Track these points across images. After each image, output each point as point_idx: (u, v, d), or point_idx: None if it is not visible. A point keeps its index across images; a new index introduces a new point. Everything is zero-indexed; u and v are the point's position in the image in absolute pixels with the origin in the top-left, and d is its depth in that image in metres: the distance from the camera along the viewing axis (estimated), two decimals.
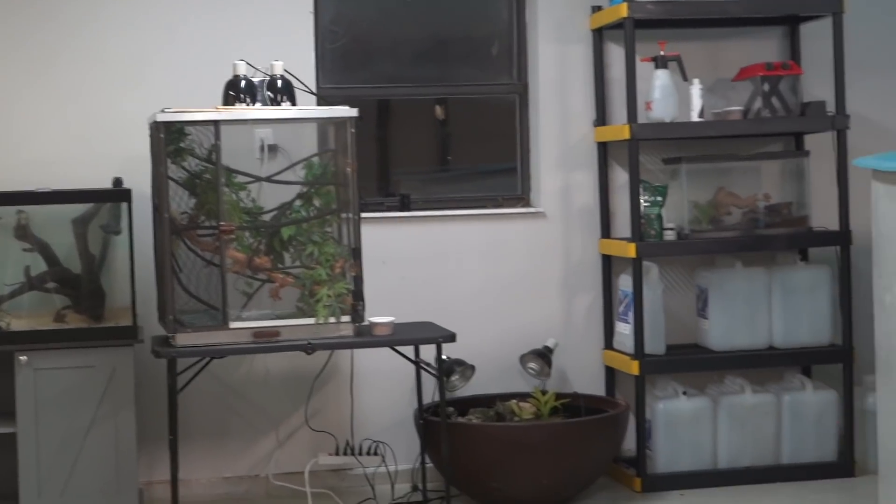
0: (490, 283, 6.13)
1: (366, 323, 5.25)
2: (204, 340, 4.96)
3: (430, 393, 5.58)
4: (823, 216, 6.06)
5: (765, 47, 6.28)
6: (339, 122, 5.22)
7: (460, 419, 5.64)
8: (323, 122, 5.46)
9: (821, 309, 5.99)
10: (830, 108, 5.93)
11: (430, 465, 5.67)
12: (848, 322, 5.88)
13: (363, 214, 5.48)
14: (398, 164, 6.49)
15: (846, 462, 5.89)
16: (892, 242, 4.58)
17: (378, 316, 5.30)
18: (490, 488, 5.50)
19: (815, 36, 6.13)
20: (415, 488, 5.73)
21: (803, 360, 6.11)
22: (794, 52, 6.26)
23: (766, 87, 5.90)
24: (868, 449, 5.67)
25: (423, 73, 6.40)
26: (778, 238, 6.01)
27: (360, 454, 5.80)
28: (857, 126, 6.00)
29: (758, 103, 5.92)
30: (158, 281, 5.12)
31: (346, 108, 5.16)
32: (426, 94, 6.35)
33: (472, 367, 5.89)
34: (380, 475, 5.76)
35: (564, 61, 6.17)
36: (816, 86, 6.08)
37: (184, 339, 4.92)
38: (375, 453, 5.79)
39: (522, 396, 5.82)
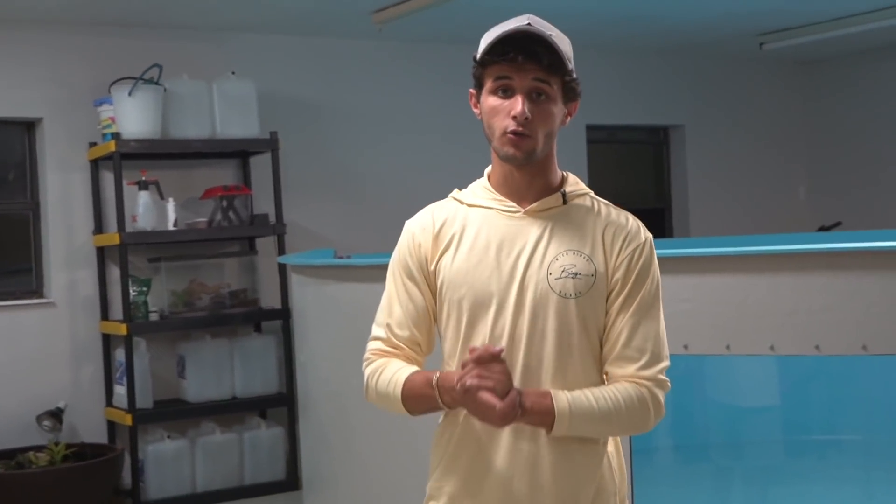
0: (10, 359, 6.12)
1: None
2: None
3: None
4: (272, 297, 6.52)
5: (224, 174, 6.66)
6: None
7: None
8: None
9: (271, 367, 6.44)
10: (273, 218, 6.44)
11: None
12: (290, 375, 6.35)
13: None
14: None
15: (292, 479, 6.38)
16: (303, 316, 5.24)
17: None
18: None
19: (262, 165, 6.56)
20: None
21: (259, 406, 6.51)
22: (246, 178, 6.68)
23: (225, 203, 6.31)
24: (307, 468, 6.00)
25: None
26: (237, 315, 6.42)
27: None
28: (294, 231, 6.58)
29: (219, 215, 6.30)
30: None
31: None
32: None
33: None
34: None
35: (68, 184, 6.31)
36: (263, 202, 6.52)
37: None
38: None
39: (39, 448, 5.88)
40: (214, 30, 6.68)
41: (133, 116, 6.06)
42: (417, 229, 2.25)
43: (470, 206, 2.23)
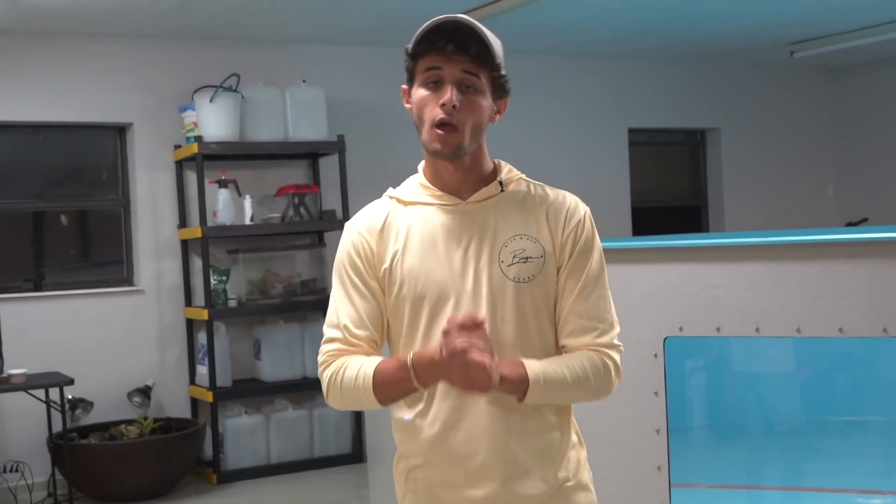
0: (105, 341, 6.24)
1: (4, 374, 5.39)
2: None
3: (60, 423, 5.52)
4: None
5: (295, 173, 6.74)
6: None
7: (82, 441, 5.80)
8: None
9: None
10: (340, 214, 6.51)
11: (61, 477, 5.72)
12: None
13: (3, 295, 5.78)
14: (47, 257, 6.48)
15: (358, 452, 6.46)
16: None
17: (15, 368, 5.45)
18: (105, 489, 5.73)
19: (330, 165, 6.66)
20: (49, 495, 5.77)
21: None
22: (316, 177, 6.76)
23: (297, 200, 6.39)
24: (371, 442, 6.22)
25: (56, 191, 6.44)
26: (308, 303, 6.48)
27: (4, 472, 5.75)
28: None
29: (291, 211, 6.38)
30: None
31: None
32: (57, 206, 6.44)
33: (91, 403, 6.02)
34: (21, 488, 5.76)
35: (155, 183, 6.42)
36: (331, 199, 6.62)
37: None
38: (16, 471, 5.75)
39: (130, 422, 6.02)
40: (287, 42, 6.77)
41: (214, 121, 6.16)
42: (362, 228, 2.09)
43: (409, 203, 2.09)
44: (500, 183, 2.07)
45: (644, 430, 3.33)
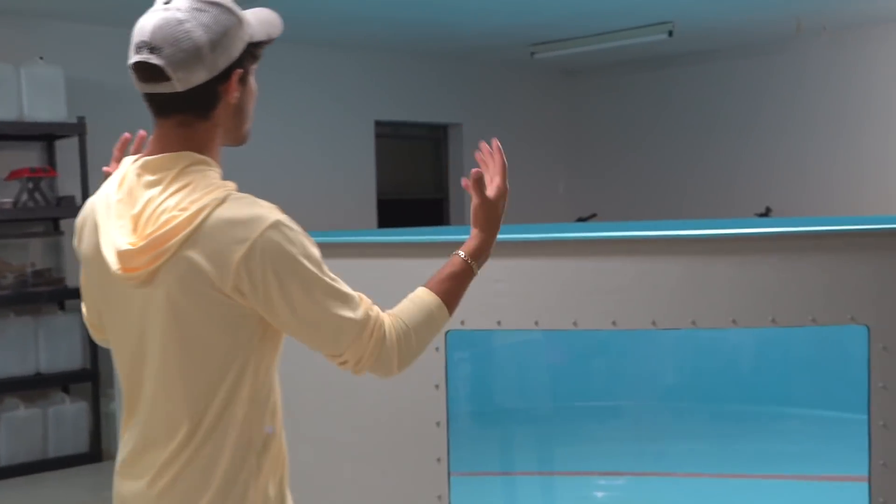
0: None
1: None
2: None
3: None
4: (77, 277, 6.05)
5: (29, 156, 6.34)
6: None
7: None
8: None
9: (75, 343, 6.20)
10: (80, 200, 6.12)
11: None
12: (94, 351, 6.18)
13: None
14: None
15: (96, 451, 6.19)
16: None
17: None
18: None
19: (68, 148, 6.33)
20: None
21: (63, 381, 6.25)
22: (52, 160, 6.39)
23: (31, 185, 6.04)
24: (111, 440, 6.12)
25: None
26: (42, 294, 6.14)
27: None
28: None
29: (25, 196, 6.03)
30: None
31: None
32: None
33: None
34: None
35: None
36: (70, 184, 6.29)
37: None
38: None
39: None
40: (23, 15, 6.34)
41: None
42: None
43: None
44: None
45: (424, 423, 3.38)
